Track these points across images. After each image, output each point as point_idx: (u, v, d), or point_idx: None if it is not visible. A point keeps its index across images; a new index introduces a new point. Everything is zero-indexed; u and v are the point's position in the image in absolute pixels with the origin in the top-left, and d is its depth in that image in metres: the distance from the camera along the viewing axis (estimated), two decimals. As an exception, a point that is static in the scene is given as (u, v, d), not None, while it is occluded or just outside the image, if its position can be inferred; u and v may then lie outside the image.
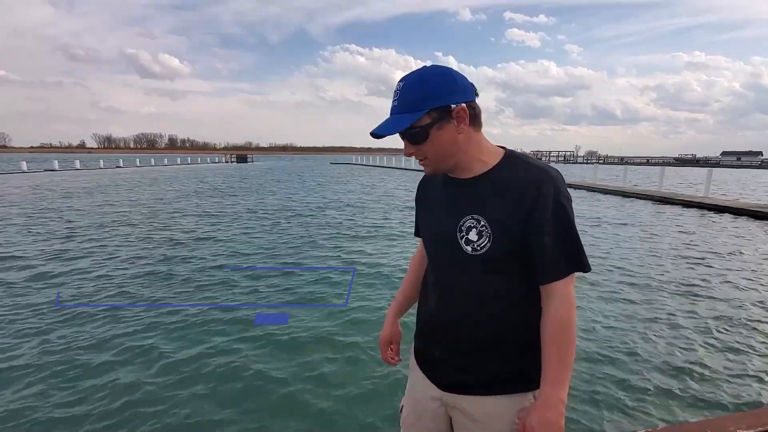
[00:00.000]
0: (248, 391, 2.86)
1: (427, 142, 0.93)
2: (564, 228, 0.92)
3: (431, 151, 0.95)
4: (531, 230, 0.91)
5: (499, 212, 0.93)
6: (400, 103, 0.92)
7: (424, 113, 0.90)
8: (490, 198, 0.95)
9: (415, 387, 1.15)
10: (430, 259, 1.10)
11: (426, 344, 1.11)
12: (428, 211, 1.11)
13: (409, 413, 1.18)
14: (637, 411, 2.67)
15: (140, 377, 2.99)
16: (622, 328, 3.85)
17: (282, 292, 4.84)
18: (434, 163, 0.97)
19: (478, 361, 1.00)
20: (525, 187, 0.92)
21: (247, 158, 63.69)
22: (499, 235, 0.93)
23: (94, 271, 5.52)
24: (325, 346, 3.51)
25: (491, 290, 0.97)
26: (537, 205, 0.90)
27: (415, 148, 0.95)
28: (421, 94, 0.90)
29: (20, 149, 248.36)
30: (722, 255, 6.84)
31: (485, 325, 0.98)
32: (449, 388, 1.05)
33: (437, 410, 1.09)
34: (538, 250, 0.91)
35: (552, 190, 0.91)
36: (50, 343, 3.48)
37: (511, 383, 1.00)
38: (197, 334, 3.71)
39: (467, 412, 1.03)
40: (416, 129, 0.92)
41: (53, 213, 10.53)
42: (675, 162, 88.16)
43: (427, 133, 0.92)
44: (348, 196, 16.21)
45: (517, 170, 0.95)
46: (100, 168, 35.29)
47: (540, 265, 0.92)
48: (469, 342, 1.00)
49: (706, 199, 13.47)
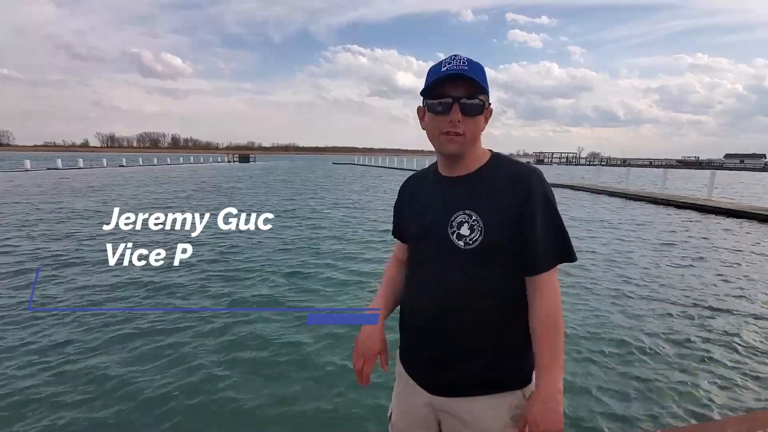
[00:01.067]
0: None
1: (475, 119, 0.98)
2: (553, 220, 0.97)
3: (471, 128, 0.98)
4: (523, 223, 0.95)
5: (490, 207, 0.97)
6: (472, 70, 0.95)
7: (487, 93, 0.98)
8: (481, 194, 0.99)
9: (403, 393, 1.14)
10: (419, 258, 1.09)
11: (414, 347, 1.10)
12: (417, 209, 1.11)
13: (398, 420, 1.17)
14: (634, 414, 2.67)
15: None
16: (623, 326, 3.86)
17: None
18: (466, 141, 0.99)
19: (468, 361, 1.00)
20: (515, 182, 0.97)
21: (249, 158, 63.77)
22: (491, 229, 0.95)
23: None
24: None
25: (483, 286, 0.98)
26: (527, 200, 0.95)
27: (465, 119, 0.97)
28: (485, 76, 0.98)
29: (23, 148, 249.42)
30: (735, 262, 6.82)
31: (475, 322, 0.99)
32: (438, 391, 1.05)
33: (427, 416, 1.09)
34: (530, 242, 0.95)
35: (540, 186, 0.96)
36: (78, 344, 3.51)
37: (501, 382, 1.01)
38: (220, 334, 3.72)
39: (458, 415, 1.03)
40: (480, 101, 0.97)
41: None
42: (678, 164, 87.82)
43: (482, 110, 0.98)
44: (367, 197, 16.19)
45: (505, 168, 1.01)
46: (103, 167, 35.39)
47: (531, 257, 0.96)
48: (459, 341, 1.00)
49: (710, 202, 13.44)
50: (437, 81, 0.95)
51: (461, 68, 0.94)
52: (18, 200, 12.63)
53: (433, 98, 0.98)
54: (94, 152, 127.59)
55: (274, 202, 13.60)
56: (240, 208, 11.80)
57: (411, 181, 1.20)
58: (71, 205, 11.63)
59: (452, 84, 0.95)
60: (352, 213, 11.53)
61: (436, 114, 0.98)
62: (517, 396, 1.01)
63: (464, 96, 0.95)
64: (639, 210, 12.83)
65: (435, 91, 0.97)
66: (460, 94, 0.95)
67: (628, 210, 12.81)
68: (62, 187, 17.42)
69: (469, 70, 0.94)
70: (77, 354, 3.28)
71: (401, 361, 1.15)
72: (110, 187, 17.80)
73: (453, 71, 0.94)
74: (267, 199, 14.71)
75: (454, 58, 0.96)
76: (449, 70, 0.95)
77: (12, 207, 11.15)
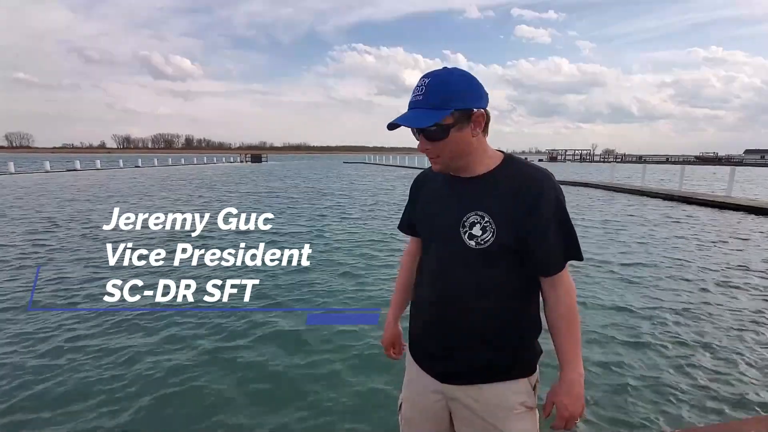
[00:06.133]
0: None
1: (445, 141, 0.97)
2: (564, 221, 1.00)
3: (446, 150, 0.99)
4: (535, 224, 0.97)
5: (502, 208, 0.99)
6: (426, 99, 0.95)
7: (448, 113, 0.94)
8: (493, 195, 1.00)
9: (413, 382, 1.18)
10: (430, 254, 1.12)
11: (424, 338, 1.13)
12: (429, 207, 1.14)
13: (409, 409, 1.20)
14: (655, 412, 2.63)
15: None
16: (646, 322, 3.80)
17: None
18: (446, 161, 1.02)
19: (477, 352, 1.04)
20: (527, 185, 0.98)
21: (261, 158, 64.32)
22: (502, 230, 0.98)
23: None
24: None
25: (491, 283, 1.01)
26: (539, 202, 0.96)
27: (431, 145, 0.99)
28: (448, 94, 0.94)
29: (43, 150, 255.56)
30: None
31: (484, 318, 1.03)
32: (448, 380, 1.08)
33: (437, 403, 1.12)
34: (543, 245, 0.98)
35: (552, 188, 0.99)
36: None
37: (508, 370, 1.05)
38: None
39: (467, 402, 1.06)
40: (438, 127, 0.95)
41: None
42: (696, 160, 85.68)
43: (447, 133, 0.96)
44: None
45: (517, 170, 1.02)
46: (119, 167, 36.22)
47: (544, 257, 0.99)
48: (468, 334, 1.04)
49: (729, 199, 13.11)
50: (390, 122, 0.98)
51: (417, 99, 0.95)
52: (28, 201, 12.95)
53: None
54: (111, 153, 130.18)
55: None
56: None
57: (423, 178, 1.22)
58: (75, 206, 11.86)
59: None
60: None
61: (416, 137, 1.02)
62: (523, 383, 1.06)
63: (428, 125, 0.95)
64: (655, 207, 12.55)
65: None
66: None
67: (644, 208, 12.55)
68: (74, 187, 17.84)
69: (423, 101, 0.94)
70: (77, 354, 3.30)
71: (411, 352, 1.20)
72: (128, 187, 18.16)
73: (408, 110, 0.97)
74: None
75: (418, 85, 0.97)
76: (409, 105, 0.98)
77: (20, 207, 11.41)
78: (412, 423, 1.19)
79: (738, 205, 12.03)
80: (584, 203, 13.56)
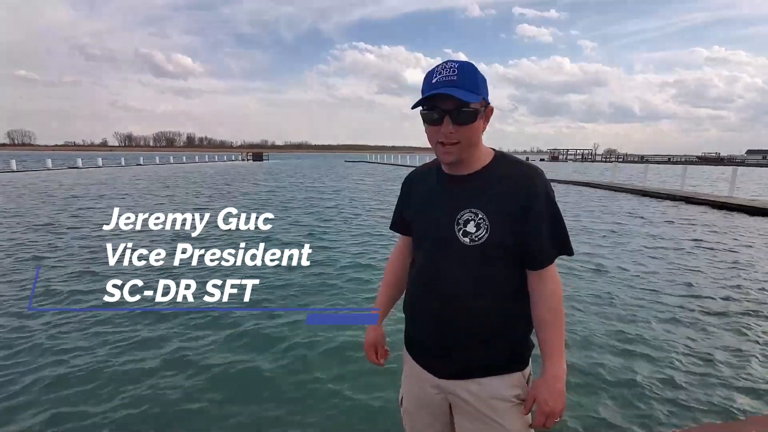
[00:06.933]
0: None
1: (470, 127, 0.98)
2: (556, 217, 1.02)
3: (467, 136, 0.99)
4: (527, 221, 0.98)
5: (496, 206, 1.00)
6: (461, 80, 0.94)
7: (479, 99, 0.96)
8: (486, 192, 1.01)
9: (411, 378, 1.19)
10: (424, 252, 1.12)
11: (420, 337, 1.14)
12: (423, 205, 1.14)
13: (409, 402, 1.21)
14: (654, 412, 2.63)
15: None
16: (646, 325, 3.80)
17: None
18: (462, 148, 1.00)
19: (475, 352, 1.05)
20: (519, 181, 1.00)
21: (262, 156, 64.37)
22: (496, 226, 0.99)
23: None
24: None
25: (486, 279, 1.02)
26: (532, 197, 0.98)
27: (457, 128, 0.97)
28: (477, 80, 0.97)
29: (45, 147, 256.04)
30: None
31: (481, 317, 1.03)
32: (446, 376, 1.09)
33: (436, 397, 1.13)
34: (534, 239, 0.99)
35: (542, 186, 1.00)
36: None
37: (505, 365, 1.06)
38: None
39: (465, 395, 1.07)
40: (472, 110, 0.96)
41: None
42: (698, 160, 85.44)
43: (475, 117, 0.97)
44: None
45: (509, 167, 1.03)
46: (121, 165, 36.27)
47: (535, 253, 1.00)
48: (466, 334, 1.05)
49: (731, 199, 13.07)
50: (428, 95, 0.96)
51: (450, 79, 0.94)
52: (30, 199, 12.97)
53: (426, 109, 0.98)
54: (113, 151, 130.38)
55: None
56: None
57: (414, 176, 1.22)
58: (76, 205, 11.87)
59: (442, 96, 0.95)
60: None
61: (431, 124, 0.99)
62: (517, 377, 1.07)
63: (455, 107, 0.95)
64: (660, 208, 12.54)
65: (427, 101, 0.97)
66: (451, 107, 0.95)
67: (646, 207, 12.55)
68: (75, 185, 17.88)
69: (459, 81, 0.93)
70: (77, 354, 3.30)
71: (407, 348, 1.21)
72: (130, 184, 18.19)
73: (441, 88, 0.94)
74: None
75: (445, 67, 0.96)
76: (438, 85, 0.95)
77: (22, 206, 11.43)
78: (414, 416, 1.20)
79: (740, 206, 11.99)
80: (585, 204, 13.55)
